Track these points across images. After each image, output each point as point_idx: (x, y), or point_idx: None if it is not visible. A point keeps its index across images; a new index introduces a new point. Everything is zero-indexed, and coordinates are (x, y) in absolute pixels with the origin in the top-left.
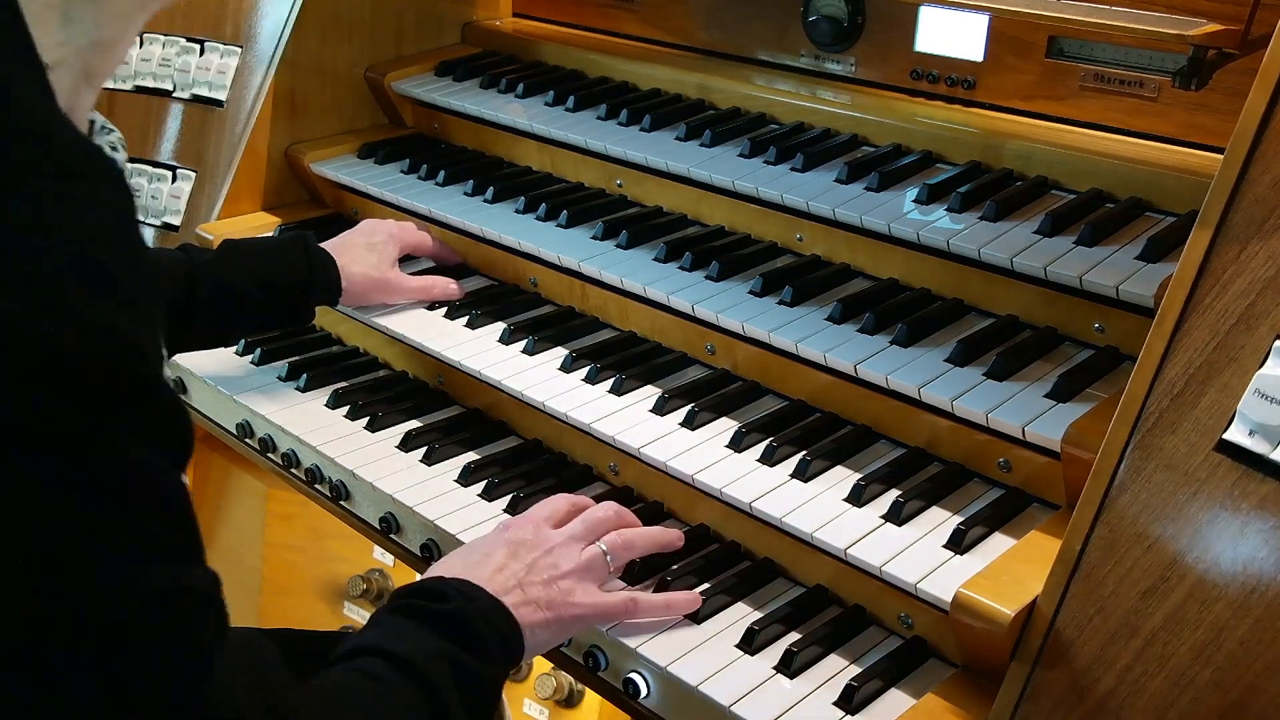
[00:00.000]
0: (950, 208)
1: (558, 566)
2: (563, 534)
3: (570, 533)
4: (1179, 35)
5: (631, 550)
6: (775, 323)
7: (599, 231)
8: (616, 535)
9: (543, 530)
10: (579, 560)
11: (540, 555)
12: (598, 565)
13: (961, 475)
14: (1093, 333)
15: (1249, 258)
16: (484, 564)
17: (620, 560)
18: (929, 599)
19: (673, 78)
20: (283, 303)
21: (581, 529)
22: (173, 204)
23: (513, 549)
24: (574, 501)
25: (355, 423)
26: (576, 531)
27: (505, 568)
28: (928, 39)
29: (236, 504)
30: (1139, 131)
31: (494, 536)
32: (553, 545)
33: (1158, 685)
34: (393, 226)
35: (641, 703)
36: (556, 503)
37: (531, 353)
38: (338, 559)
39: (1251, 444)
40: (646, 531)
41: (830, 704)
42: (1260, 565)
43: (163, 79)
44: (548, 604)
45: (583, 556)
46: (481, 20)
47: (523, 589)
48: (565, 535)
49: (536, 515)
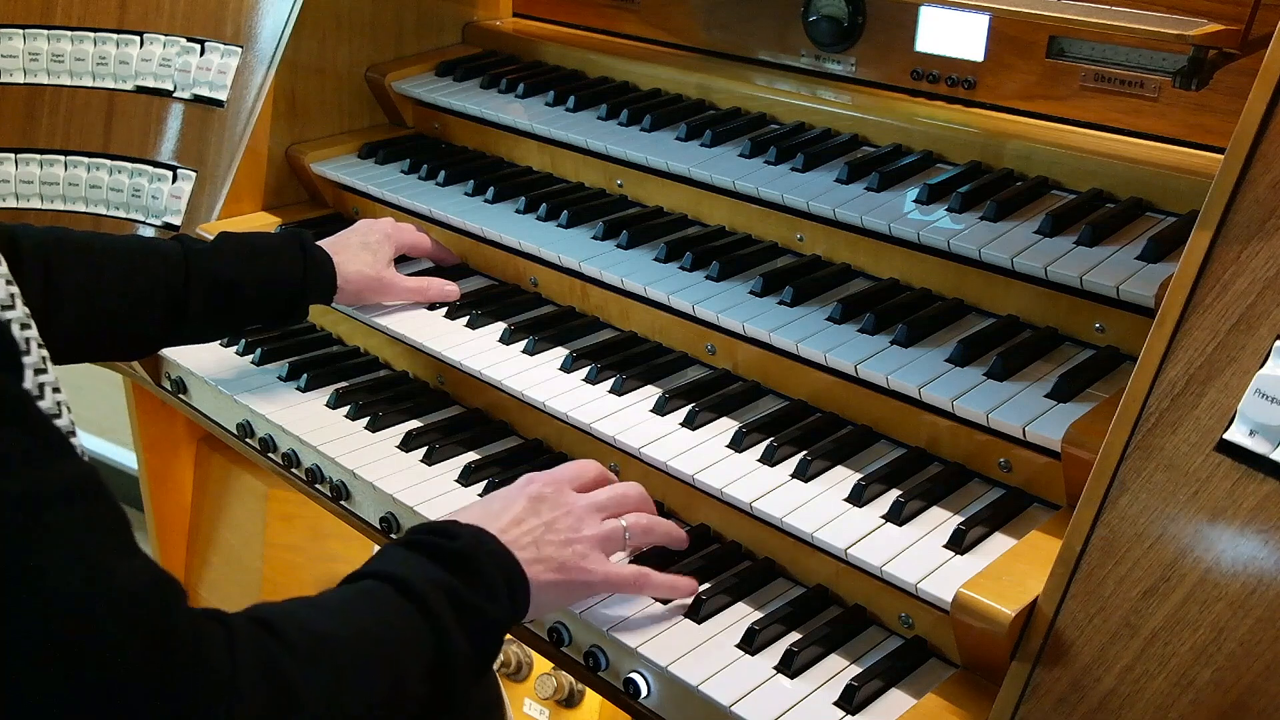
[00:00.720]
0: (950, 208)
1: (577, 530)
2: (587, 499)
3: (594, 500)
4: (1179, 35)
5: (649, 535)
6: (776, 323)
7: (599, 231)
8: (639, 516)
9: (566, 492)
10: (599, 529)
11: (561, 515)
12: (615, 538)
13: (962, 475)
14: (1093, 333)
15: (1249, 258)
16: (502, 515)
17: (636, 541)
18: (929, 599)
19: (673, 78)
20: (277, 298)
21: (606, 499)
22: (173, 204)
23: (533, 504)
24: (603, 471)
25: (356, 423)
26: (600, 501)
27: (523, 521)
28: (928, 39)
29: (237, 504)
30: (1139, 131)
31: (517, 489)
32: (575, 508)
33: (1158, 685)
34: (389, 226)
35: (642, 703)
36: (586, 466)
37: (532, 353)
38: (338, 559)
39: (1252, 444)
40: (665, 522)
41: (830, 704)
42: (1261, 565)
43: (163, 79)
44: (560, 565)
45: (603, 527)
46: (482, 20)
47: (537, 546)
48: (589, 501)
49: (562, 475)
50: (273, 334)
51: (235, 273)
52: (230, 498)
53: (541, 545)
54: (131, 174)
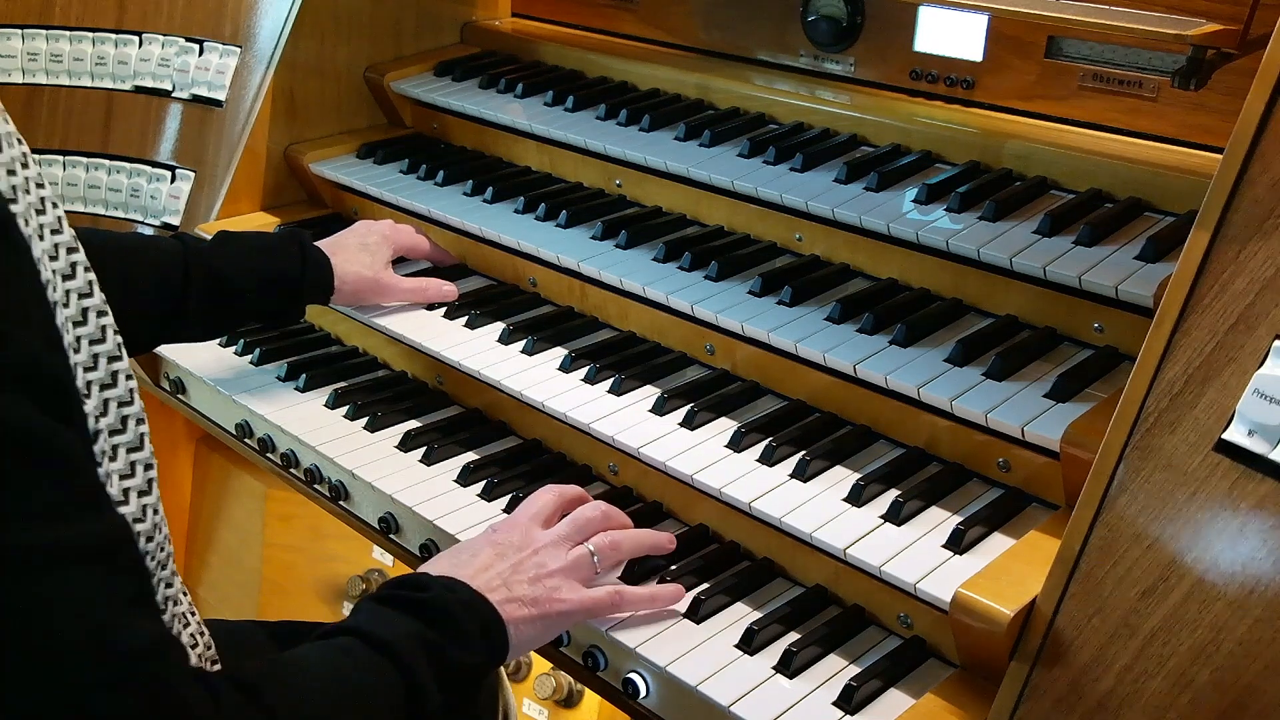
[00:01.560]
0: (949, 208)
1: (544, 565)
2: (550, 534)
3: (557, 533)
4: (1178, 35)
5: (618, 551)
6: (774, 323)
7: (598, 231)
8: (604, 536)
9: (531, 531)
10: (565, 560)
11: (527, 555)
12: (584, 565)
13: (961, 475)
14: (1092, 333)
15: (1248, 258)
16: (470, 563)
17: (607, 561)
18: (928, 599)
19: (672, 78)
20: (274, 297)
21: (568, 529)
22: (172, 204)
23: (499, 550)
24: (561, 494)
25: (354, 423)
26: (563, 532)
27: (490, 567)
28: (927, 39)
29: (236, 504)
30: (1138, 131)
31: (481, 538)
32: (539, 545)
33: (1157, 685)
34: (386, 228)
35: (641, 703)
36: (543, 498)
37: (531, 353)
38: (337, 559)
39: (1250, 444)
40: (634, 533)
41: (829, 704)
42: (1259, 565)
43: (162, 79)
44: (533, 600)
45: (569, 556)
46: (481, 20)
47: (508, 587)
48: (553, 535)
49: (523, 516)
50: (271, 334)
51: (234, 271)
52: (229, 498)
53: (512, 585)
54: (130, 174)
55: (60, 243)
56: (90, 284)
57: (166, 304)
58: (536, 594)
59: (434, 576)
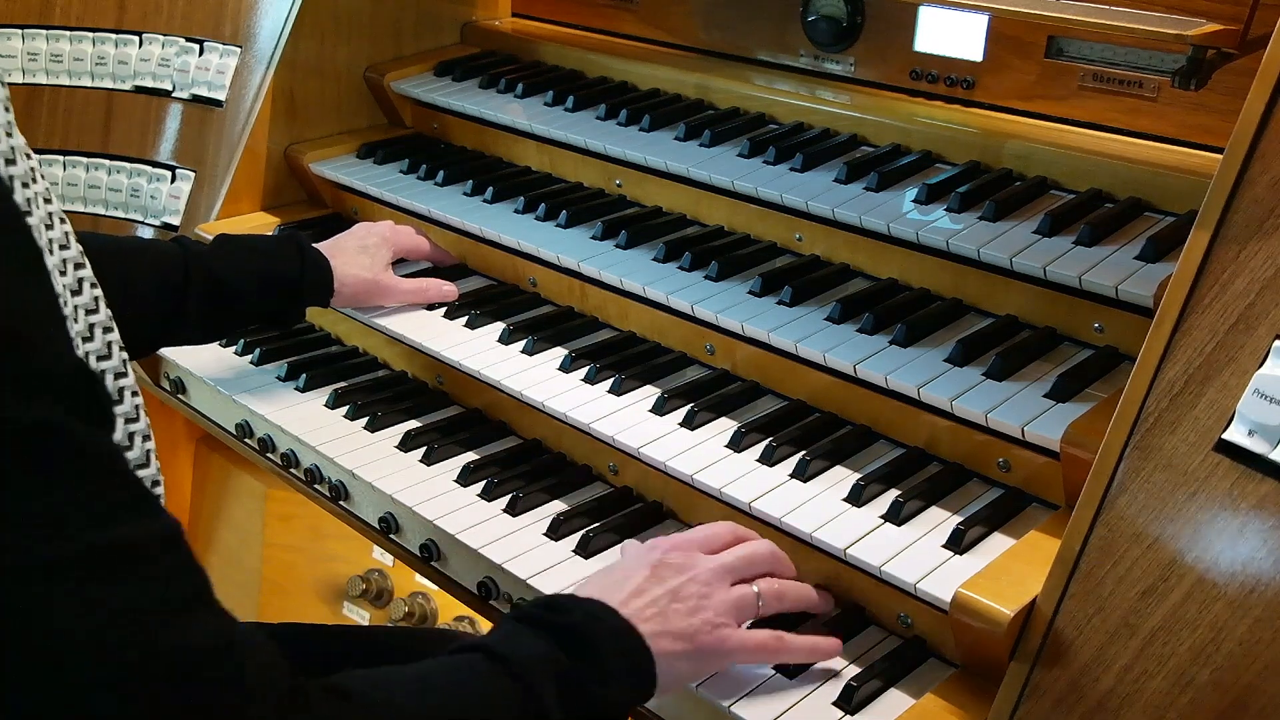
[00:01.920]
0: (949, 208)
1: (706, 596)
2: (715, 562)
3: (722, 563)
4: (1178, 35)
5: (782, 601)
6: (774, 323)
7: (598, 231)
8: (770, 582)
9: (694, 555)
10: (728, 596)
11: (686, 580)
12: (748, 606)
13: (961, 475)
14: (1092, 333)
15: (1248, 258)
16: (624, 585)
17: (770, 609)
18: (928, 599)
19: (672, 78)
20: (274, 299)
21: (735, 561)
22: (172, 204)
23: (657, 572)
24: (736, 531)
25: (355, 423)
26: (728, 563)
27: (645, 591)
28: (927, 39)
29: (236, 504)
30: (1138, 131)
31: (640, 556)
32: (701, 572)
33: (1157, 685)
34: (386, 229)
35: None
36: (719, 529)
37: (531, 353)
38: (337, 559)
39: (1250, 444)
40: (799, 587)
41: (830, 704)
42: (1259, 565)
43: (162, 79)
44: (689, 636)
45: (733, 593)
46: (481, 20)
47: (663, 617)
48: (717, 564)
49: (691, 539)
50: (271, 334)
51: (233, 273)
52: (229, 498)
53: (668, 616)
54: (130, 174)
55: (68, 258)
56: (96, 300)
57: (166, 307)
58: (693, 628)
59: (581, 600)
